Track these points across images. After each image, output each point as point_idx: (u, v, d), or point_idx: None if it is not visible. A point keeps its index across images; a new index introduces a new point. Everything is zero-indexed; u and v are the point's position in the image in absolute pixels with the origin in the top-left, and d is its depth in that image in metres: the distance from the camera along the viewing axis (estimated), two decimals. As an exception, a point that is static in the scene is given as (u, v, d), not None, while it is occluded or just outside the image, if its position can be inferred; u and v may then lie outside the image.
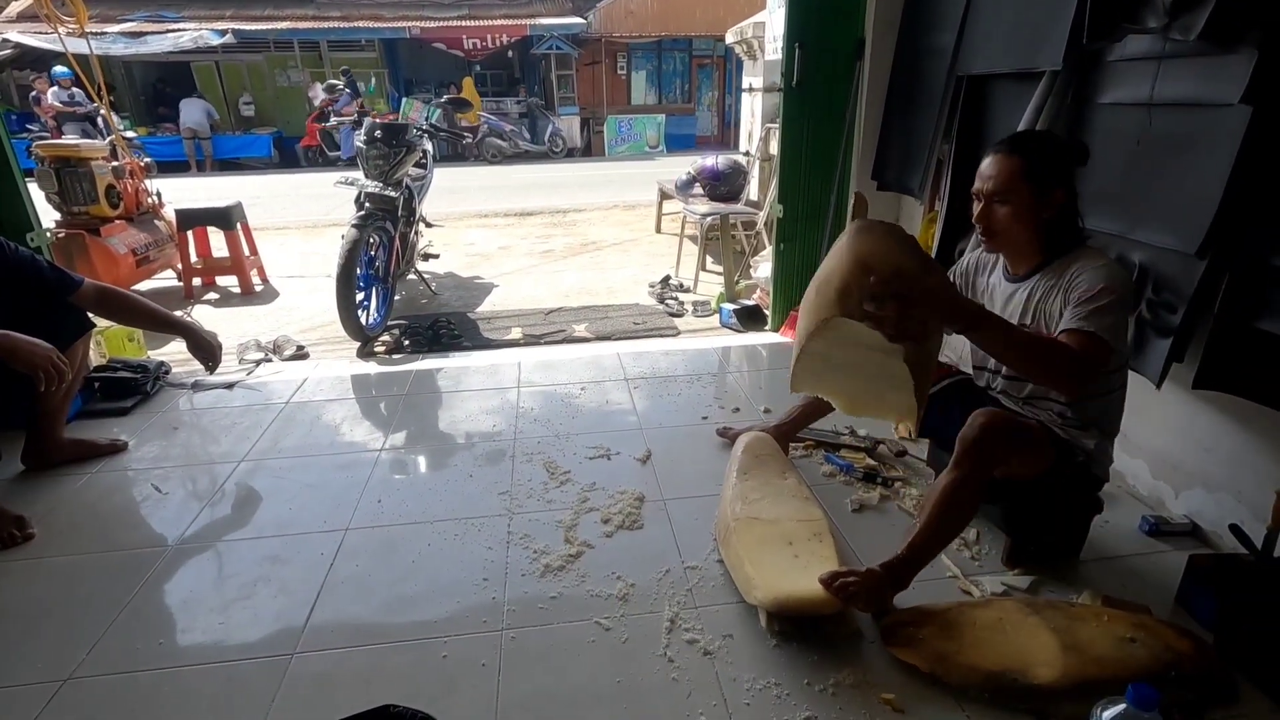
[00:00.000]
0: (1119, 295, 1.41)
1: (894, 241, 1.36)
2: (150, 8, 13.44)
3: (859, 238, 1.38)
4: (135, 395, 2.69)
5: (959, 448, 1.47)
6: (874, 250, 1.32)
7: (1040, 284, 1.56)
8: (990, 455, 1.45)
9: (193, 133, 12.40)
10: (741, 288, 4.12)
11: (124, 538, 1.90)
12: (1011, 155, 1.52)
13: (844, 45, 3.02)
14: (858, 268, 1.31)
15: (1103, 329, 1.38)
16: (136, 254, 4.10)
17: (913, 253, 1.34)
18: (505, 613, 1.58)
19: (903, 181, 2.95)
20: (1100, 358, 1.39)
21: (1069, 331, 1.40)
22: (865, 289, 1.26)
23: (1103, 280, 1.42)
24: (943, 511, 1.47)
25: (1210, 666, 1.34)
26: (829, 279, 1.37)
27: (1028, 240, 1.57)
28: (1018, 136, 1.60)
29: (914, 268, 1.29)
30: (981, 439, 1.44)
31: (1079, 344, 1.37)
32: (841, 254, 1.38)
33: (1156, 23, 1.59)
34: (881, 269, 1.27)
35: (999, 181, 1.53)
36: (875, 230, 1.39)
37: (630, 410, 2.62)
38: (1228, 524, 1.57)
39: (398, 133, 3.63)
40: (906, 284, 1.24)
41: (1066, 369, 1.36)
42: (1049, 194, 1.51)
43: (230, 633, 1.54)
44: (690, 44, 15.71)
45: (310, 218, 7.28)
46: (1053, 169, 1.51)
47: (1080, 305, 1.42)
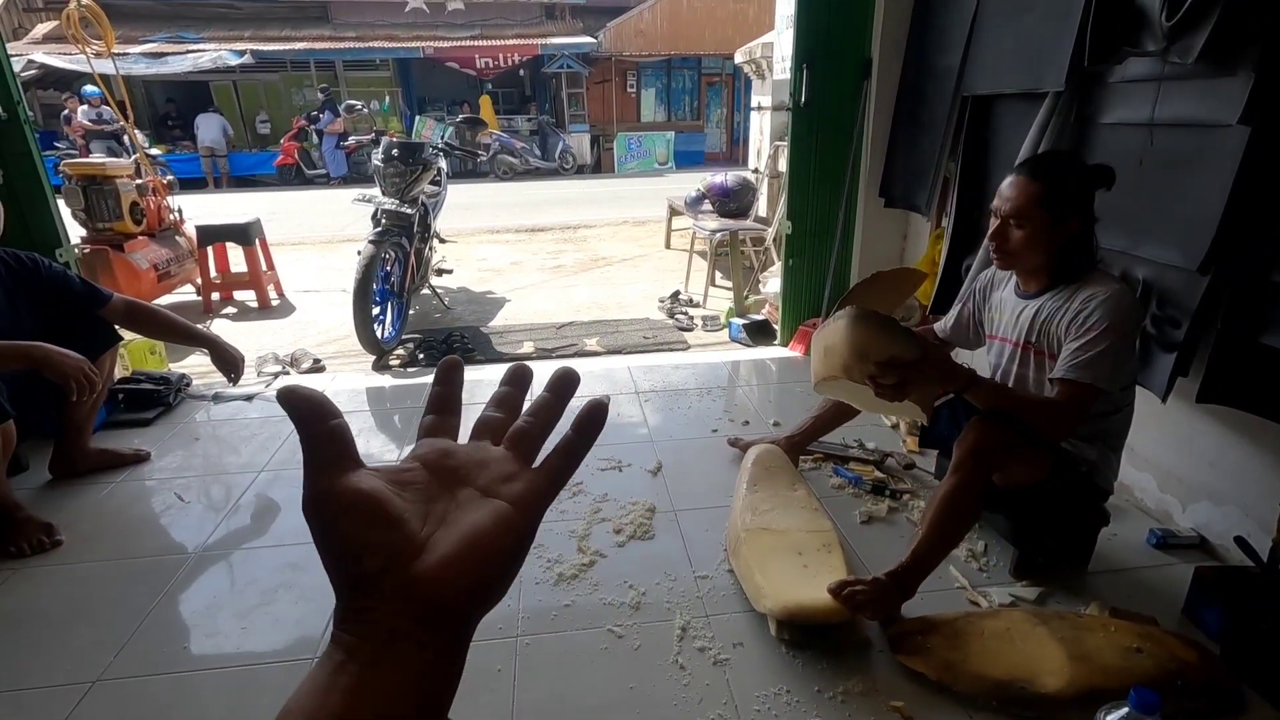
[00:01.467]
0: (1121, 332, 1.45)
1: (887, 333, 1.45)
2: (171, 29, 13.75)
3: (855, 328, 1.47)
4: (157, 407, 2.75)
5: (956, 454, 1.51)
6: (869, 340, 1.45)
7: (1047, 304, 1.59)
8: (986, 461, 1.49)
9: (210, 150, 12.58)
10: (750, 303, 4.16)
11: (148, 545, 1.95)
12: (1034, 181, 1.53)
13: (851, 65, 3.08)
14: (856, 355, 1.44)
15: (1098, 378, 1.44)
16: (158, 269, 4.20)
17: (906, 341, 1.44)
18: (520, 620, 1.62)
19: (909, 199, 2.99)
20: (1087, 406, 1.47)
21: (1062, 381, 1.47)
22: (864, 371, 1.43)
23: (1107, 317, 1.45)
24: (944, 518, 1.50)
25: (1216, 677, 1.36)
26: (833, 351, 1.49)
27: (1042, 262, 1.60)
28: (1042, 160, 1.60)
29: (908, 354, 1.42)
30: (977, 445, 1.48)
31: (1068, 397, 1.46)
32: (842, 335, 1.48)
33: (1155, 46, 1.63)
34: (878, 357, 1.42)
35: (1017, 204, 1.55)
36: (870, 321, 1.47)
37: (641, 423, 2.66)
38: (1234, 536, 1.58)
39: (414, 151, 3.72)
40: (901, 368, 1.41)
41: (1051, 429, 1.51)
42: (1064, 223, 1.53)
43: (252, 638, 1.58)
44: (699, 62, 15.90)
45: (325, 233, 7.40)
46: (1071, 198, 1.52)
47: (1079, 347, 1.46)
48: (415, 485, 0.32)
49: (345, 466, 0.31)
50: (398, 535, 0.29)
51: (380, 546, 0.29)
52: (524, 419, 0.36)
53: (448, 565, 0.29)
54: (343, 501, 0.30)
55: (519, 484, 0.33)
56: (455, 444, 0.35)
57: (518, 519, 0.31)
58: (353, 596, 0.29)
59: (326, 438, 0.31)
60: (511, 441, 0.35)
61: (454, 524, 0.31)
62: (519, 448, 0.35)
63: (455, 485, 0.33)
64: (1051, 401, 1.49)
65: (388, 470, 0.32)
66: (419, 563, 0.29)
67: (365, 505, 0.30)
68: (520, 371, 0.39)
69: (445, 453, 0.34)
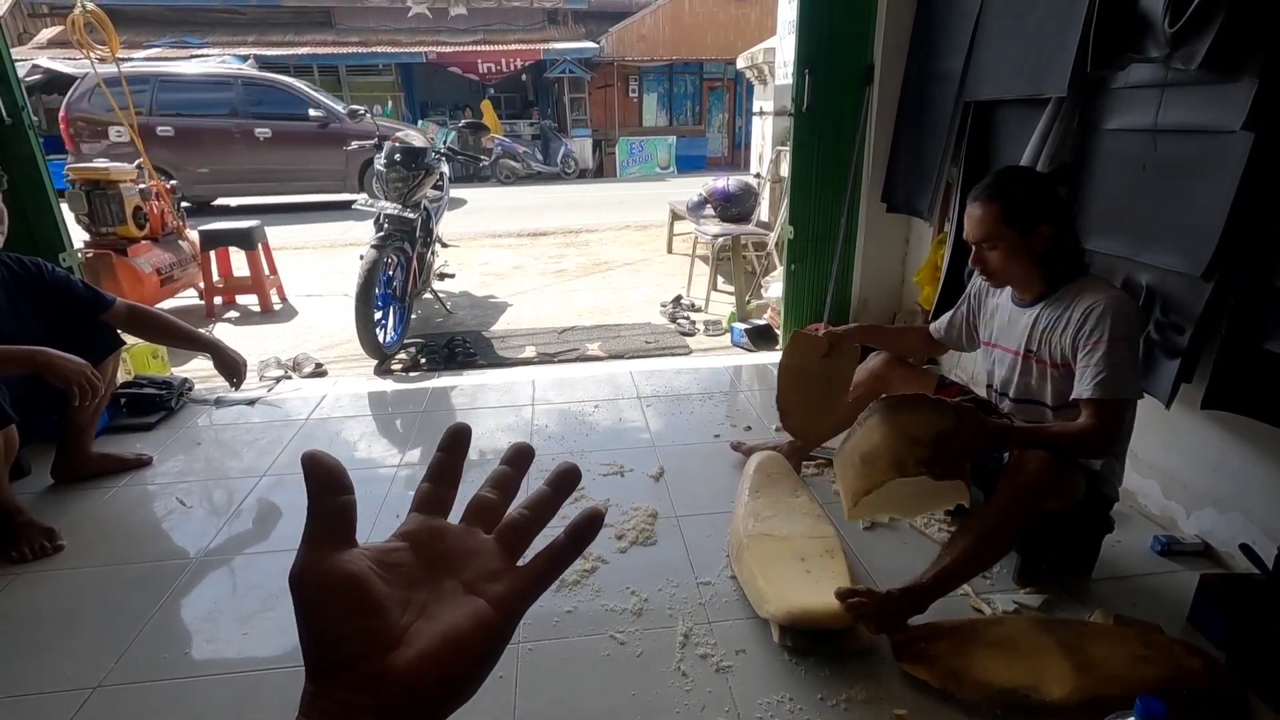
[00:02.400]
0: (1129, 340, 1.46)
1: (926, 410, 1.48)
2: (175, 34, 13.82)
3: (896, 415, 1.50)
4: (160, 411, 2.75)
5: (1006, 489, 1.47)
6: (913, 422, 1.46)
7: (1045, 312, 1.60)
8: (1039, 500, 1.46)
9: None
10: (753, 307, 4.16)
11: (149, 550, 1.95)
12: (990, 202, 1.55)
13: (853, 71, 3.09)
14: (907, 443, 1.44)
15: (1121, 389, 1.44)
16: (161, 273, 4.20)
17: (942, 412, 1.47)
18: (522, 626, 1.59)
19: (912, 204, 2.99)
20: (1119, 418, 1.47)
21: (1089, 402, 1.46)
22: (918, 460, 1.42)
23: (1113, 327, 1.45)
24: (980, 550, 1.49)
25: (1222, 685, 1.35)
26: (877, 454, 1.48)
27: (1027, 273, 1.61)
28: (993, 182, 1.59)
29: (950, 426, 1.43)
30: (1036, 484, 1.45)
31: (1099, 416, 1.45)
32: (884, 432, 1.48)
33: (1158, 52, 1.63)
34: (926, 438, 1.42)
35: (983, 229, 1.57)
36: (909, 406, 1.51)
37: (643, 428, 2.65)
38: (1238, 543, 1.58)
39: (417, 155, 3.73)
40: (949, 441, 1.42)
41: (1093, 452, 1.51)
42: (1033, 233, 1.54)
43: (253, 644, 1.58)
44: (701, 67, 15.95)
45: (328, 237, 7.41)
46: (1033, 207, 1.53)
47: (1095, 363, 1.46)
48: (401, 569, 0.32)
49: (340, 544, 0.31)
50: (377, 623, 0.30)
51: (358, 633, 0.29)
52: (519, 511, 0.36)
53: (423, 662, 0.29)
54: (329, 580, 0.30)
55: (502, 584, 0.33)
56: (446, 526, 0.35)
57: (497, 620, 0.32)
58: (322, 683, 0.29)
59: (332, 512, 0.32)
60: (502, 534, 0.36)
61: (434, 618, 0.31)
62: (508, 542, 0.35)
63: (440, 574, 0.33)
64: (1085, 427, 1.46)
65: (376, 550, 0.33)
66: (394, 656, 0.29)
67: (350, 588, 0.30)
68: (521, 451, 0.39)
69: (435, 534, 0.35)
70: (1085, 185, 2.00)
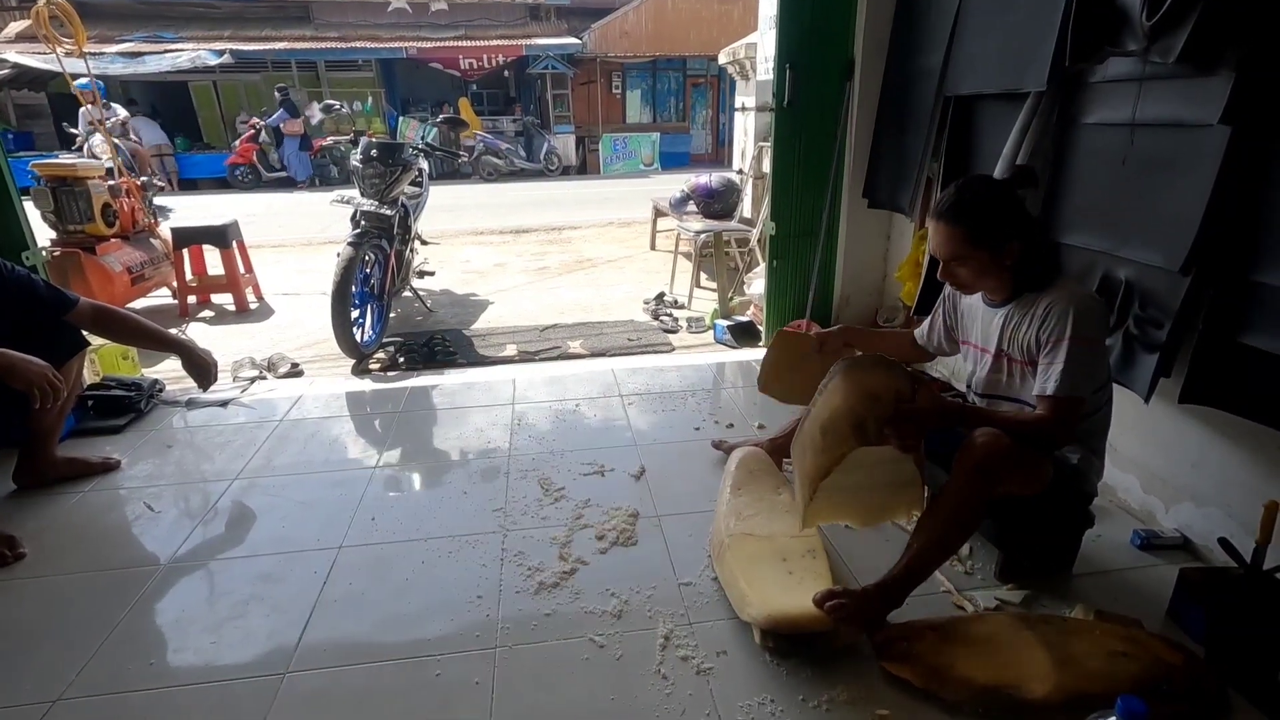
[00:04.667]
0: (1085, 338, 1.45)
1: (886, 369, 1.49)
2: (148, 28, 13.55)
3: (857, 374, 1.49)
4: (128, 413, 2.68)
5: (960, 468, 1.46)
6: (876, 381, 1.46)
7: (1015, 311, 1.60)
8: (993, 477, 1.44)
9: (157, 150, 11.97)
10: (735, 304, 4.14)
11: (116, 557, 1.89)
12: (955, 225, 1.53)
13: (834, 66, 3.08)
14: (867, 399, 1.43)
15: (1075, 387, 1.45)
16: (132, 272, 4.11)
17: (901, 375, 1.47)
18: (499, 630, 1.58)
19: (894, 199, 2.98)
20: (1074, 415, 1.48)
21: (1042, 398, 1.49)
22: (878, 417, 1.40)
23: (1070, 326, 1.45)
24: (943, 532, 1.47)
25: (1201, 680, 1.35)
26: (835, 419, 1.47)
27: (999, 282, 1.61)
28: (955, 201, 1.55)
29: (907, 387, 1.44)
30: (985, 459, 1.43)
31: (1052, 410, 1.47)
32: (844, 392, 1.48)
33: (1136, 46, 1.63)
34: (887, 395, 1.41)
35: (951, 250, 1.56)
36: (868, 364, 1.51)
37: (625, 426, 2.63)
38: (1217, 537, 1.58)
39: (394, 152, 3.67)
40: (908, 404, 1.42)
41: (1045, 443, 1.51)
42: (1002, 250, 1.53)
43: (222, 652, 1.53)
44: (684, 63, 15.91)
45: (305, 235, 7.30)
46: (998, 226, 1.51)
47: (1051, 360, 1.48)
48: None
49: None
50: None
51: None
52: None
53: None
54: None
55: None
56: None
57: None
58: None
59: None
60: None
61: None
62: None
63: None
64: (1039, 418, 1.48)
65: None
66: None
67: None
68: None
69: None
70: (1064, 180, 2.00)
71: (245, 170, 12.19)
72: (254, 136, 12.08)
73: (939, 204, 1.59)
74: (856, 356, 1.55)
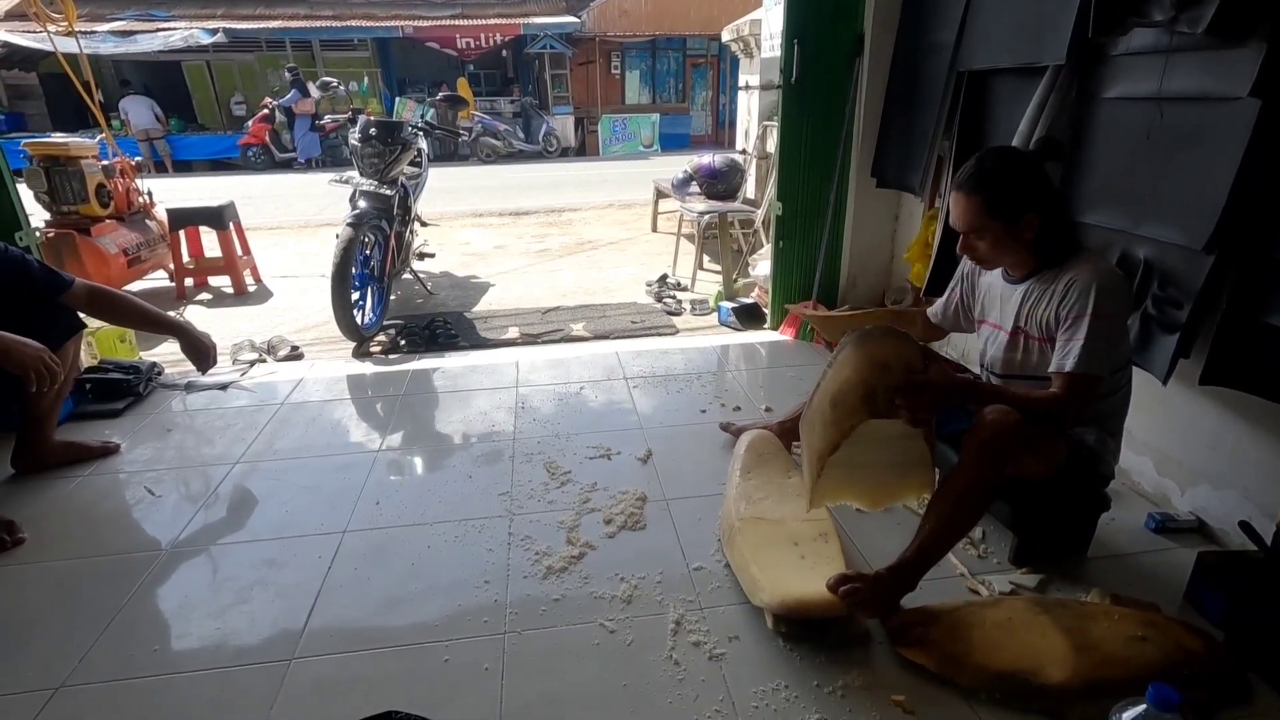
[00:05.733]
0: (1106, 315, 1.43)
1: (897, 340, 1.46)
2: (140, 7, 13.33)
3: (867, 345, 1.46)
4: (127, 397, 2.65)
5: (969, 446, 1.44)
6: (887, 351, 1.43)
7: (1035, 287, 1.56)
8: (1003, 454, 1.42)
9: (145, 134, 11.86)
10: (740, 286, 4.10)
11: (117, 541, 1.86)
12: (973, 195, 1.50)
13: (843, 42, 3.01)
14: (878, 369, 1.41)
15: (1091, 365, 1.42)
16: (128, 254, 4.05)
17: (913, 347, 1.45)
18: (507, 615, 1.56)
19: (903, 179, 2.93)
20: (1090, 394, 1.45)
21: (1058, 374, 1.46)
22: (888, 386, 1.37)
23: (1091, 303, 1.42)
24: (953, 512, 1.45)
25: (1222, 665, 1.33)
26: (845, 390, 1.43)
27: (1018, 257, 1.58)
28: (975, 171, 1.53)
29: (919, 360, 1.42)
30: (994, 438, 1.41)
31: (1066, 388, 1.44)
32: (855, 363, 1.45)
33: (1163, 16, 1.57)
34: (897, 365, 1.39)
35: (968, 221, 1.53)
36: (878, 335, 1.48)
37: (630, 409, 2.60)
38: (1237, 521, 1.56)
39: (393, 130, 3.60)
40: (920, 374, 1.39)
41: (1058, 421, 1.48)
42: (1019, 223, 1.50)
43: (226, 638, 1.51)
44: (684, 43, 15.70)
45: (303, 217, 7.22)
46: (1017, 197, 1.48)
47: (1069, 337, 1.45)
48: None
49: None
50: None
51: None
52: None
53: None
54: None
55: None
56: None
57: None
58: None
59: None
60: None
61: None
62: None
63: None
64: (1053, 395, 1.46)
65: None
66: None
67: None
68: None
69: None
70: (1082, 158, 1.95)
71: (259, 151, 12.07)
72: (268, 117, 11.95)
73: (959, 174, 1.55)
74: (867, 328, 1.52)
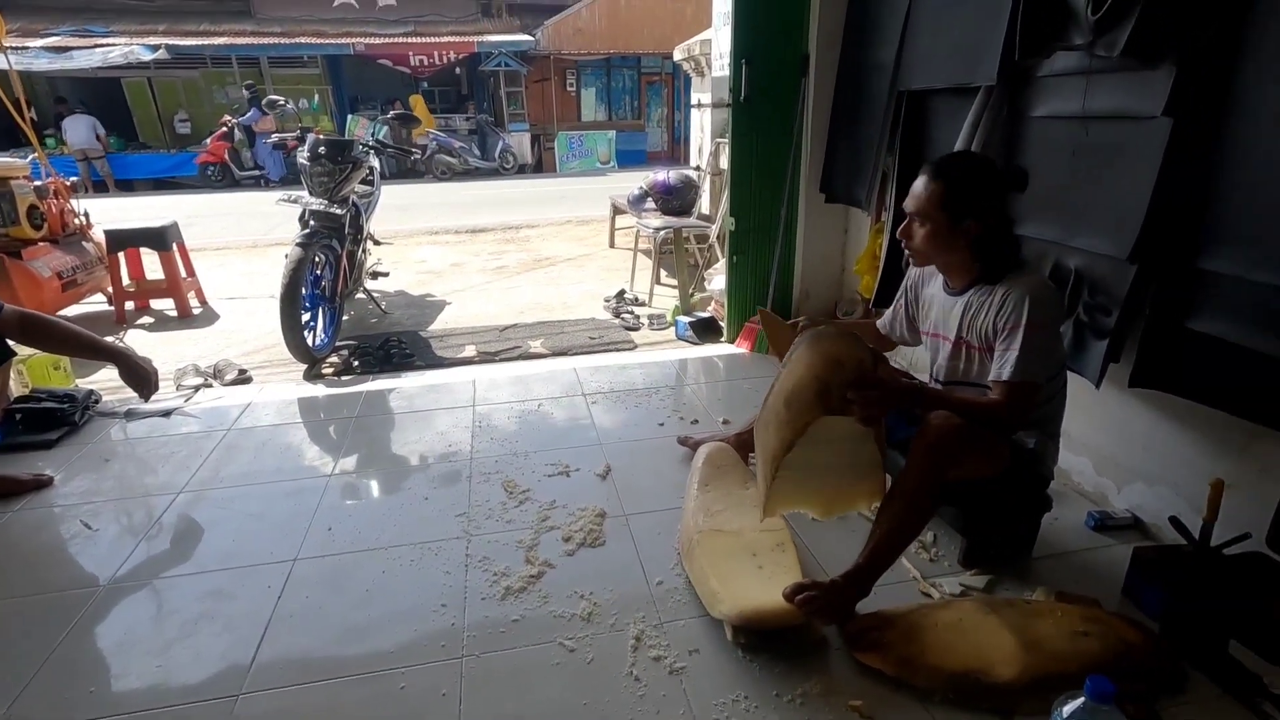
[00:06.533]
0: (1040, 325, 1.48)
1: (849, 339, 1.49)
2: (76, 21, 12.90)
3: (822, 343, 1.49)
4: (62, 427, 2.53)
5: (914, 451, 1.49)
6: (840, 349, 1.45)
7: (974, 299, 1.62)
8: (948, 457, 1.47)
9: (83, 154, 11.48)
10: (696, 300, 4.14)
11: (51, 578, 1.78)
12: (935, 180, 1.56)
13: (789, 61, 3.09)
14: (832, 365, 1.43)
15: (1027, 373, 1.48)
16: (63, 277, 3.89)
17: (864, 347, 1.48)
18: (465, 639, 1.53)
19: (850, 194, 3.02)
20: (1029, 401, 1.51)
21: (996, 383, 1.52)
22: (841, 383, 1.39)
23: (1025, 313, 1.48)
24: (901, 515, 1.49)
25: (1159, 655, 1.39)
26: (800, 389, 1.45)
27: (951, 260, 1.63)
28: (948, 160, 1.60)
29: (870, 360, 1.44)
30: (939, 442, 1.46)
31: (1006, 396, 1.50)
32: (809, 360, 1.47)
33: (1083, 40, 1.67)
34: (850, 361, 1.42)
35: (919, 203, 1.59)
36: (831, 334, 1.51)
37: (589, 425, 2.59)
38: (1168, 516, 1.63)
39: (343, 149, 3.55)
40: (871, 373, 1.41)
41: (999, 426, 1.54)
42: (960, 224, 1.55)
43: (170, 675, 1.45)
44: (639, 61, 15.89)
45: (252, 236, 7.05)
46: (968, 200, 1.54)
47: (1006, 347, 1.50)
48: None
49: None
50: None
51: None
52: None
53: None
54: None
55: None
56: None
57: None
58: None
59: None
60: None
61: None
62: None
63: None
64: (994, 402, 1.51)
65: None
66: None
67: None
68: None
69: None
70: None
71: (217, 169, 11.72)
72: (226, 135, 11.62)
73: (933, 160, 1.61)
74: (820, 329, 1.55)
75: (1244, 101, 1.42)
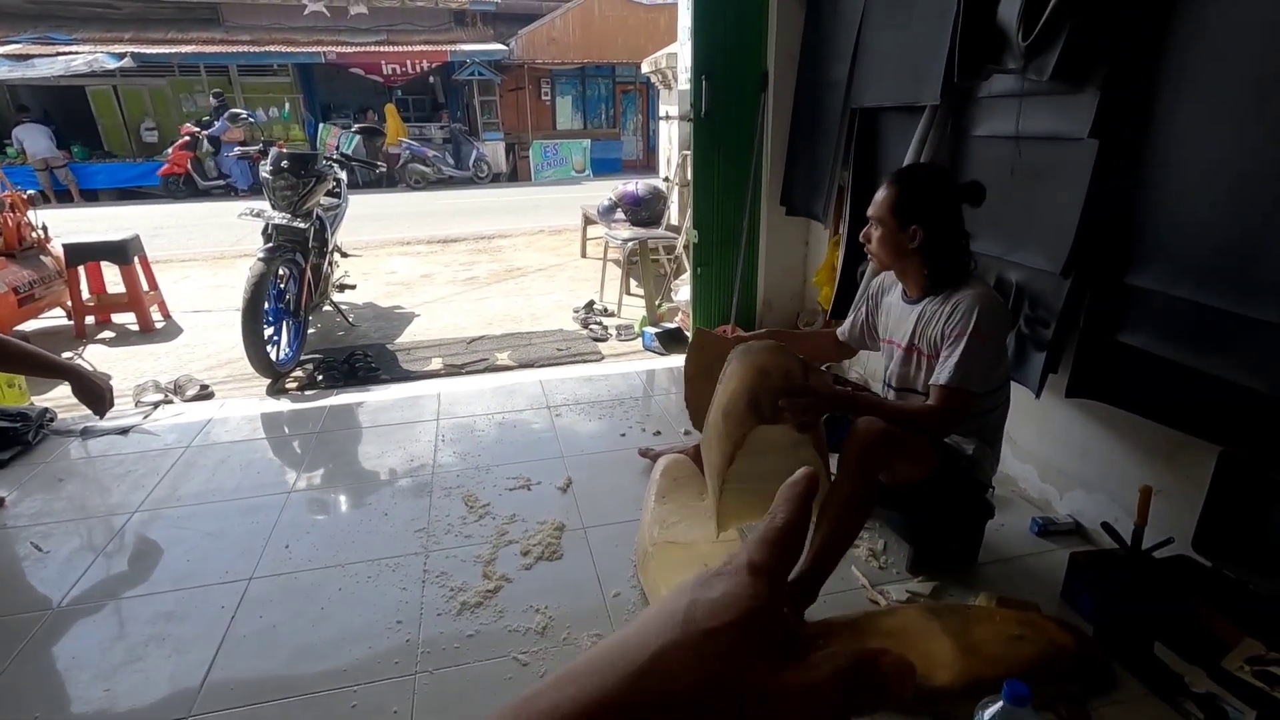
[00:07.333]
0: (985, 335, 1.54)
1: (774, 349, 1.54)
2: (39, 29, 12.65)
3: (748, 356, 1.53)
4: (14, 446, 2.49)
5: (845, 456, 1.54)
6: (765, 359, 1.50)
7: (927, 309, 1.68)
8: (875, 461, 1.53)
9: (44, 163, 11.22)
10: (663, 310, 4.18)
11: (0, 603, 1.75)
12: (891, 185, 1.65)
13: (749, 77, 3.15)
14: (759, 375, 1.47)
15: (965, 380, 1.54)
16: (19, 292, 3.82)
17: (790, 356, 1.53)
18: (419, 655, 1.54)
19: (809, 207, 3.08)
20: (961, 406, 1.56)
21: (934, 386, 1.58)
22: (770, 391, 1.42)
23: (971, 322, 1.54)
24: (838, 520, 1.53)
25: (1090, 657, 1.44)
26: (733, 401, 1.48)
27: (911, 268, 1.69)
28: (905, 169, 1.71)
29: (798, 366, 1.49)
30: (866, 445, 1.52)
31: (941, 400, 1.56)
32: (739, 374, 1.51)
33: (1015, 64, 1.74)
34: (776, 370, 1.46)
35: (876, 207, 1.67)
36: (757, 346, 1.57)
37: (552, 438, 2.61)
38: (1100, 522, 1.69)
39: (306, 162, 3.54)
40: (799, 380, 1.45)
41: (931, 431, 1.59)
42: (905, 229, 1.63)
43: (116, 700, 1.44)
44: (614, 70, 15.97)
45: (218, 248, 6.96)
46: (916, 207, 1.61)
47: (949, 353, 1.56)
48: None
49: None
50: None
51: None
52: None
53: None
54: None
55: None
56: None
57: None
58: None
59: None
60: None
61: None
62: None
63: None
64: (927, 407, 1.57)
65: None
66: None
67: None
68: None
69: None
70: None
71: (179, 180, 11.51)
72: (189, 144, 11.42)
73: (898, 168, 1.68)
74: (750, 343, 1.60)
75: (1164, 124, 1.50)
